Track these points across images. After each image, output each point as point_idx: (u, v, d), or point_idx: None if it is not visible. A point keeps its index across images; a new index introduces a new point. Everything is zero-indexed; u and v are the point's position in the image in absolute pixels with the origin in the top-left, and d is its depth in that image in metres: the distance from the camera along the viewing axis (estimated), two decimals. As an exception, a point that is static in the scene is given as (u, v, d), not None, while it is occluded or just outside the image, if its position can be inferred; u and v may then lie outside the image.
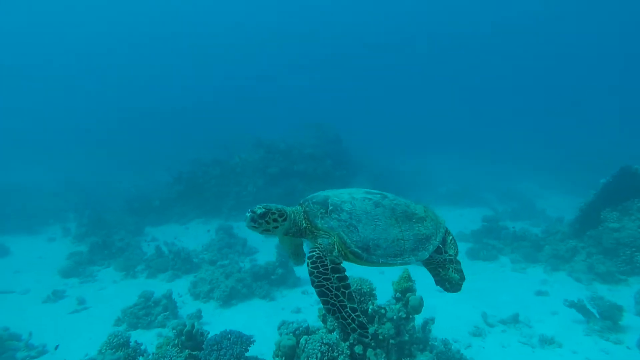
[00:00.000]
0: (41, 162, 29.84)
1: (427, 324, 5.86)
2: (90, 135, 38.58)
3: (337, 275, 2.48)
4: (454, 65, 66.12)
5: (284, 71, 64.95)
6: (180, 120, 39.42)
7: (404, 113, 53.69)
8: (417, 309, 5.19)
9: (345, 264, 2.64)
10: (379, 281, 5.67)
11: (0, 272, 12.24)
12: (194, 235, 15.26)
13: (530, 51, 62.74)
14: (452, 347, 6.26)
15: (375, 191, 2.99)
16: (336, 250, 2.59)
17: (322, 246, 2.59)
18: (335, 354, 4.33)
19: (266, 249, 13.53)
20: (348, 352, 4.45)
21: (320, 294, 2.44)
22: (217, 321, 8.68)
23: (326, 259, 2.52)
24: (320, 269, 2.48)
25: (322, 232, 2.69)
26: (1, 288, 10.72)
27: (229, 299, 9.39)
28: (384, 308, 5.08)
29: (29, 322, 8.49)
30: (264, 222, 2.66)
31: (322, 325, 5.28)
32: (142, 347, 5.86)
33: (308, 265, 2.52)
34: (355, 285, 5.15)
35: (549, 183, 23.88)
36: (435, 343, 6.15)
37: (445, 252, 3.08)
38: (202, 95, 53.60)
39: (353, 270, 2.90)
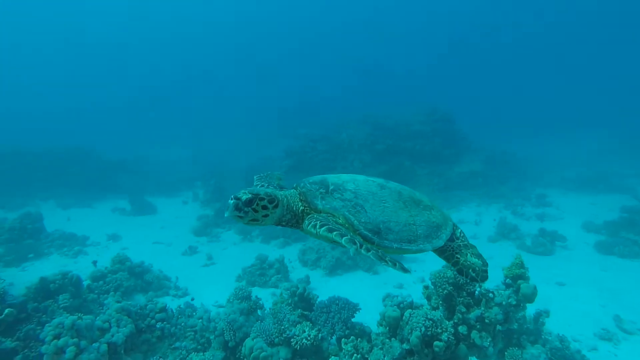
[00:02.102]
0: (177, 140, 34.74)
1: (540, 315, 5.48)
2: (215, 116, 43.39)
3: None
4: (576, 42, 56.14)
5: (401, 53, 62.78)
6: (293, 100, 41.55)
7: (522, 94, 48.15)
8: (530, 297, 4.91)
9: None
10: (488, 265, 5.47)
11: (152, 226, 15.01)
12: (303, 207, 16.35)
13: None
14: (571, 345, 5.73)
15: (377, 179, 2.71)
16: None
17: (323, 218, 2.29)
18: (439, 330, 4.39)
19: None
20: (452, 330, 4.48)
21: (329, 230, 2.12)
22: (323, 288, 9.35)
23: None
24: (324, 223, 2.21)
25: (324, 215, 2.36)
26: (154, 239, 13.18)
27: (335, 268, 9.99)
28: (492, 292, 4.92)
29: (173, 268, 10.30)
30: (250, 211, 2.24)
31: (426, 302, 5.36)
32: (261, 302, 6.71)
33: (309, 226, 2.25)
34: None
35: None
36: (549, 338, 5.72)
37: (457, 238, 2.76)
38: (315, 75, 55.38)
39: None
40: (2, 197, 17.44)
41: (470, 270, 2.64)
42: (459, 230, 2.87)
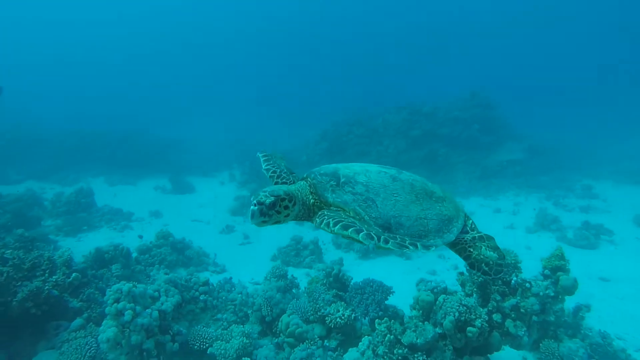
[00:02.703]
0: (215, 121, 35.61)
1: (580, 309, 5.38)
2: (251, 100, 44.07)
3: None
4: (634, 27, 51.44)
5: (448, 39, 60.37)
6: (330, 84, 41.38)
7: (573, 82, 45.34)
8: (569, 290, 4.83)
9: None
10: (524, 255, 5.40)
11: (191, 205, 15.70)
12: (336, 191, 16.50)
13: None
14: (614, 343, 5.54)
15: (390, 167, 2.65)
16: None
17: (334, 214, 2.23)
18: (472, 316, 4.43)
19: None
20: (486, 317, 4.50)
21: (344, 227, 2.06)
22: (356, 270, 9.50)
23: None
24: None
25: (334, 209, 2.33)
26: (193, 217, 13.81)
27: (368, 252, 10.13)
28: (529, 282, 4.88)
29: (211, 246, 10.80)
30: (274, 213, 2.21)
31: (460, 289, 5.40)
32: (296, 281, 6.97)
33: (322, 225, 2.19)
34: (498, 256, 5.05)
35: None
36: (590, 333, 5.57)
37: (472, 230, 2.69)
38: (354, 59, 54.58)
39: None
40: (59, 173, 18.79)
41: (483, 265, 2.53)
42: (471, 221, 2.82)
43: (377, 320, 5.23)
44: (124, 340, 4.29)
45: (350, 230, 2.00)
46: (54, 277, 5.13)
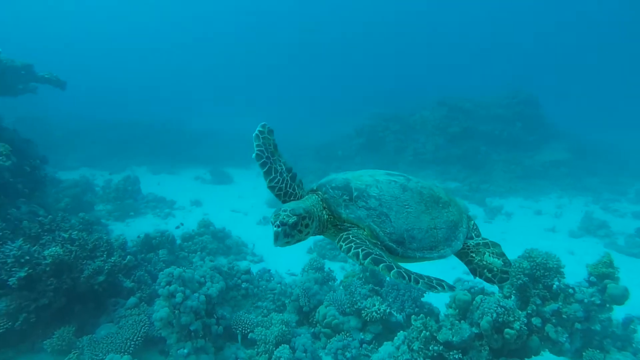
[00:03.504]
0: (251, 114, 36.36)
1: (631, 321, 5.16)
2: (287, 94, 44.56)
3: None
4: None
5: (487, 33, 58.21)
6: (365, 77, 41.10)
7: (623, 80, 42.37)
8: (618, 299, 4.68)
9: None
10: (566, 260, 5.26)
11: (229, 195, 16.24)
12: (372, 186, 16.50)
13: None
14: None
15: (395, 172, 2.58)
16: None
17: (357, 236, 2.12)
18: (511, 318, 4.42)
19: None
20: (525, 320, 4.47)
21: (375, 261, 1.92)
22: (390, 266, 9.56)
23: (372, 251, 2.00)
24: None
25: (348, 225, 2.26)
26: (232, 207, 14.31)
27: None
28: (573, 288, 4.78)
29: (249, 236, 11.17)
30: (296, 233, 2.13)
31: (498, 290, 5.36)
32: (333, 274, 7.13)
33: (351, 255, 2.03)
34: (540, 258, 4.97)
35: None
36: (644, 348, 5.31)
37: (475, 236, 2.60)
38: (392, 54, 53.76)
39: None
40: (107, 161, 19.98)
41: (486, 271, 2.46)
42: (472, 222, 2.75)
43: (413, 316, 5.31)
44: (175, 320, 4.63)
45: (381, 266, 1.91)
46: (112, 258, 5.58)
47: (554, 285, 4.84)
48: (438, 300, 6.14)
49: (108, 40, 60.76)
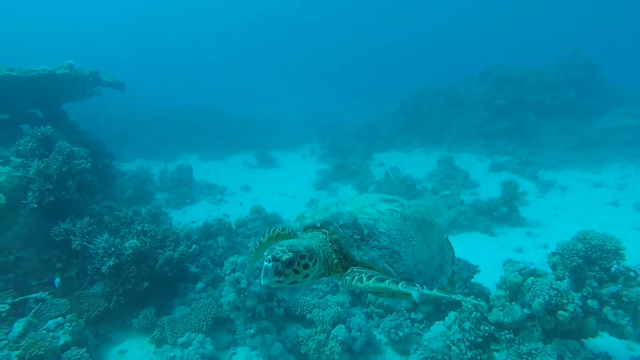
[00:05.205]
0: (291, 97, 36.67)
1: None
2: (328, 74, 44.23)
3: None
4: None
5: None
6: (406, 54, 39.82)
7: None
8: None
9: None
10: (630, 237, 5.12)
11: (276, 179, 16.81)
12: (416, 163, 16.38)
13: None
14: None
15: (388, 197, 2.50)
16: None
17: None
18: (564, 300, 4.45)
19: (488, 183, 13.39)
20: (579, 302, 4.48)
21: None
22: (438, 246, 9.63)
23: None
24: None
25: (360, 268, 2.07)
26: (279, 191, 14.86)
27: (450, 227, 10.15)
28: (634, 271, 4.69)
29: (298, 219, 11.61)
30: (291, 273, 1.90)
31: (550, 271, 5.35)
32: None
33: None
34: (596, 240, 4.89)
35: None
36: None
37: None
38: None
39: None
40: (160, 151, 21.26)
41: None
42: (445, 235, 2.69)
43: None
44: (241, 304, 5.13)
45: (386, 282, 1.82)
46: (180, 247, 6.19)
47: (613, 268, 4.77)
48: (487, 279, 6.22)
49: (155, 33, 63.11)
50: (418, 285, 1.77)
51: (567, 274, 5.02)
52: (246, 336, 5.23)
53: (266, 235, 2.63)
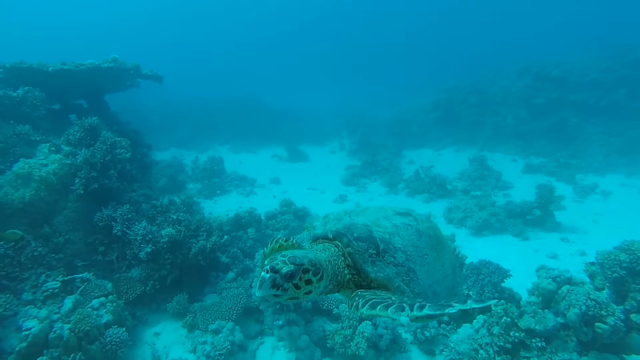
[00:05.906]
0: (322, 91, 36.64)
1: None
2: (360, 65, 43.85)
3: None
4: None
5: None
6: (440, 48, 38.88)
7: None
8: None
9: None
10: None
11: (305, 173, 16.94)
12: (447, 162, 16.08)
13: None
14: None
15: (402, 209, 2.38)
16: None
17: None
18: (603, 312, 4.29)
19: (521, 185, 12.97)
20: (621, 316, 4.31)
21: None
22: (468, 247, 9.46)
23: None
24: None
25: (374, 286, 1.93)
26: (308, 185, 14.98)
27: (481, 229, 9.94)
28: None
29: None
30: (291, 287, 1.72)
31: (588, 280, 5.17)
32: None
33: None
34: None
35: None
36: None
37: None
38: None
39: None
40: (193, 141, 21.87)
41: None
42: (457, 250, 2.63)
43: (493, 301, 5.36)
44: (270, 295, 5.25)
45: (390, 310, 1.64)
46: (212, 237, 6.40)
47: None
48: (519, 284, 6.07)
49: (192, 23, 64.59)
50: (407, 307, 1.61)
51: (607, 285, 4.82)
52: (274, 327, 5.36)
53: (269, 245, 2.48)
